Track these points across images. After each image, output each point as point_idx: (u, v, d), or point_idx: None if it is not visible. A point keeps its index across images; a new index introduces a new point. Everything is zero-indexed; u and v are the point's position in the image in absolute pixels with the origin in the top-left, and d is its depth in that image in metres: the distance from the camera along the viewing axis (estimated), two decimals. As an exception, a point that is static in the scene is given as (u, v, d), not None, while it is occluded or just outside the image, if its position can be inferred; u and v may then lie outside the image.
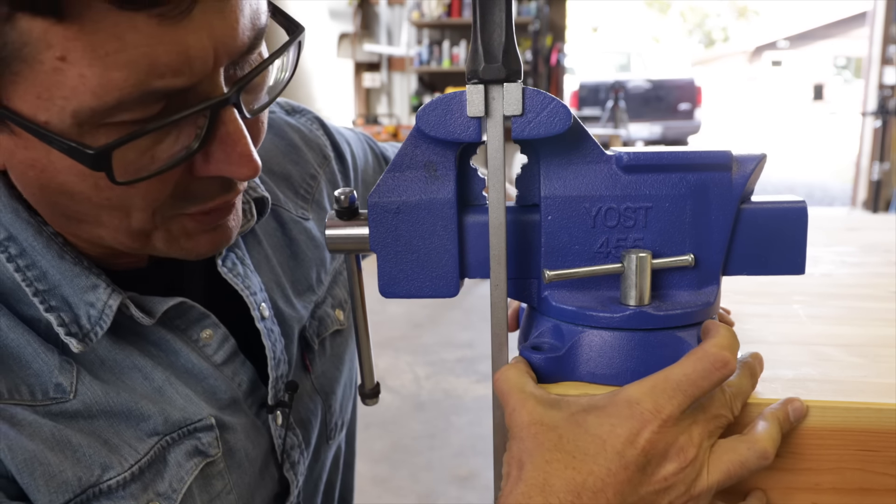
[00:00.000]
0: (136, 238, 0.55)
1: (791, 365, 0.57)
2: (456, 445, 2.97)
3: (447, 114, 0.50)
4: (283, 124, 0.82)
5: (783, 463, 0.51)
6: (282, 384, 0.70)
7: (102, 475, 0.56)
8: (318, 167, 0.82)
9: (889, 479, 0.50)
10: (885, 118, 7.04)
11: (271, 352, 0.68)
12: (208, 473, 0.63)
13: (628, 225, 0.53)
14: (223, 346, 0.66)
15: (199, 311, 0.65)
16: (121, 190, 0.50)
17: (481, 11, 0.47)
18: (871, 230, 1.15)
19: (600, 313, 0.51)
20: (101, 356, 0.59)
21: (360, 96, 8.24)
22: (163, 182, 0.52)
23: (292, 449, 0.72)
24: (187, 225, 0.57)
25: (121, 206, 0.52)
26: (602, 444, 0.45)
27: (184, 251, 0.58)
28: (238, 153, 0.52)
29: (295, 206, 0.78)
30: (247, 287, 0.68)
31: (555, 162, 0.53)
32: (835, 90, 26.33)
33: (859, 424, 0.50)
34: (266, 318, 0.69)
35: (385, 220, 0.54)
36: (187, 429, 0.62)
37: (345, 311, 0.82)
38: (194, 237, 0.58)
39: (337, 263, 0.82)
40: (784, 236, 0.53)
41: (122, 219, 0.53)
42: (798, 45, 26.97)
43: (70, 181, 0.50)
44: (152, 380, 0.61)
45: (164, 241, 0.57)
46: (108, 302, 0.58)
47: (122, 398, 0.59)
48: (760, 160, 0.53)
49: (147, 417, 0.60)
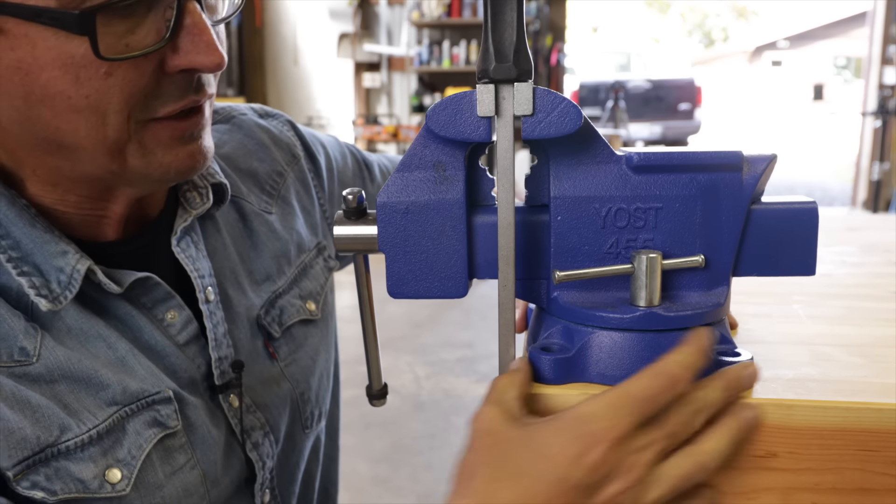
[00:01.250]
0: (112, 155, 0.58)
1: (791, 365, 0.57)
2: (456, 445, 2.97)
3: (457, 113, 0.50)
4: (254, 125, 0.86)
5: (783, 463, 0.51)
6: (227, 365, 0.72)
7: (61, 436, 0.58)
8: (285, 165, 0.85)
9: (889, 479, 0.50)
10: (885, 118, 7.04)
11: (212, 333, 0.71)
12: (169, 446, 0.65)
13: (638, 225, 0.53)
14: (186, 327, 0.69)
15: (165, 291, 0.68)
16: (99, 85, 0.54)
17: (493, 11, 0.47)
18: (871, 230, 1.16)
19: (610, 314, 0.51)
20: (68, 324, 0.62)
21: (360, 96, 8.23)
22: (138, 73, 0.56)
23: (253, 430, 0.74)
24: (160, 134, 0.59)
25: (98, 107, 0.55)
26: (551, 464, 0.45)
27: (162, 167, 0.60)
28: (204, 42, 0.57)
29: (259, 200, 0.81)
30: (196, 270, 0.71)
31: (564, 162, 0.53)
32: (835, 90, 26.29)
33: (859, 424, 0.50)
34: (210, 302, 0.71)
35: (394, 220, 0.54)
36: (146, 401, 0.63)
37: (317, 304, 0.84)
38: (171, 149, 0.60)
39: (306, 257, 0.84)
40: (794, 237, 0.53)
41: (98, 127, 0.56)
42: (798, 45, 26.94)
43: (53, 79, 0.54)
44: (115, 350, 0.63)
45: (139, 156, 0.59)
46: (77, 266, 0.61)
47: (84, 365, 0.61)
48: (771, 160, 0.53)
49: (106, 386, 0.61)
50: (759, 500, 0.52)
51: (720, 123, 21.44)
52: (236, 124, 0.85)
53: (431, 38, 7.56)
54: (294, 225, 0.84)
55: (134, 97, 0.56)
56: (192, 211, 0.72)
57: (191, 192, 0.73)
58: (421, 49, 7.49)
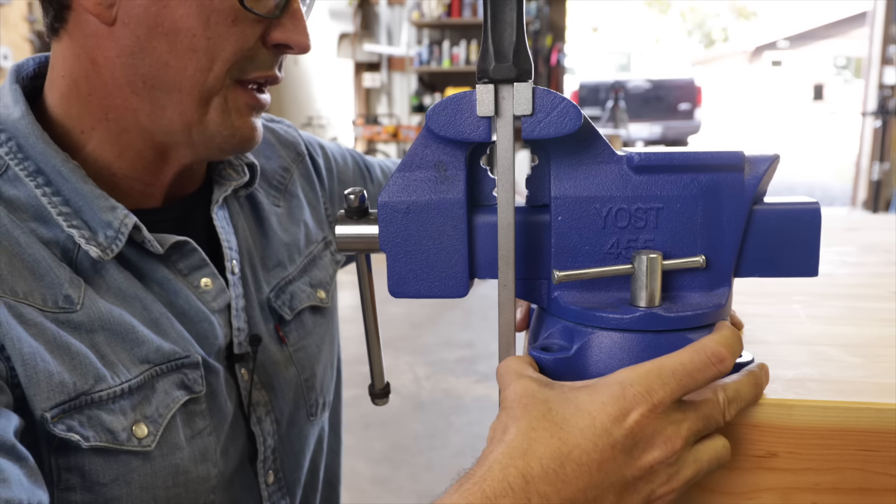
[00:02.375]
0: (200, 103, 0.65)
1: (791, 365, 0.57)
2: (456, 445, 2.97)
3: (457, 113, 0.51)
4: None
5: (783, 463, 0.51)
6: (244, 337, 0.75)
7: (95, 385, 0.61)
8: (291, 162, 0.90)
9: (889, 479, 0.50)
10: (885, 118, 7.04)
11: (234, 302, 0.75)
12: (192, 410, 0.68)
13: (639, 226, 0.53)
14: (221, 295, 0.73)
15: (201, 258, 0.72)
16: (222, 31, 0.62)
17: (492, 11, 0.47)
18: (871, 230, 1.16)
19: (610, 314, 0.51)
20: (108, 282, 0.65)
21: (360, 96, 8.23)
22: (252, 33, 0.64)
23: (258, 405, 0.77)
24: (240, 99, 0.67)
25: (212, 51, 0.63)
26: (591, 419, 0.45)
27: (231, 129, 0.67)
28: (302, 26, 0.67)
29: (267, 194, 0.86)
30: (227, 241, 0.76)
31: (565, 162, 0.53)
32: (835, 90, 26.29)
33: (859, 424, 0.50)
34: (235, 274, 0.76)
35: (395, 219, 0.54)
36: (176, 363, 0.67)
37: (327, 293, 0.88)
38: (243, 116, 0.67)
39: (315, 248, 0.88)
40: (797, 238, 0.53)
41: (205, 70, 0.63)
42: (798, 45, 26.94)
43: (186, 15, 0.61)
44: (151, 311, 0.67)
45: (220, 111, 0.66)
46: (125, 221, 0.65)
47: (124, 319, 0.64)
48: (773, 161, 0.53)
49: (142, 343, 0.65)
50: (759, 500, 0.52)
51: (720, 123, 21.44)
52: None
53: (431, 38, 7.56)
54: (302, 217, 0.88)
55: (241, 52, 0.64)
56: (231, 183, 0.78)
57: (226, 169, 0.79)
58: (421, 49, 7.49)
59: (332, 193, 0.96)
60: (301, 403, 0.83)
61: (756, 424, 0.51)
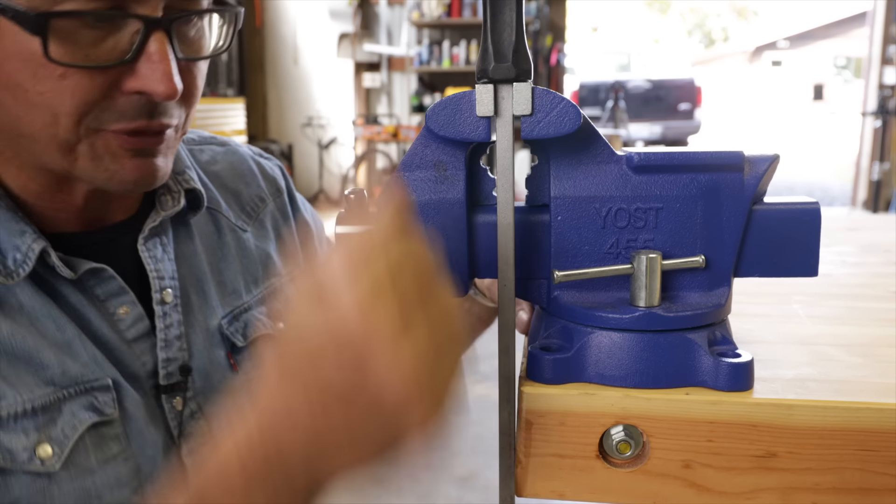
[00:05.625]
0: (63, 152, 0.61)
1: (791, 365, 0.57)
2: (456, 445, 2.97)
3: (456, 113, 0.51)
4: (248, 156, 0.90)
5: (783, 463, 0.51)
6: (175, 367, 0.73)
7: None
8: (268, 194, 0.89)
9: (889, 479, 0.50)
10: (885, 118, 7.05)
11: (162, 333, 0.72)
12: (104, 434, 0.66)
13: (639, 226, 0.53)
14: (137, 324, 0.70)
15: (119, 285, 0.69)
16: (53, 85, 0.57)
17: (492, 11, 0.47)
18: (871, 230, 1.16)
19: (610, 314, 0.51)
20: (21, 301, 0.64)
21: (360, 96, 8.23)
22: (92, 84, 0.58)
23: (193, 436, 0.74)
24: (111, 142, 0.61)
25: (50, 106, 0.58)
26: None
27: (108, 173, 0.62)
28: (161, 71, 0.59)
29: (237, 216, 0.84)
30: (156, 270, 0.73)
31: (565, 162, 0.53)
32: (835, 90, 26.30)
33: (859, 424, 0.50)
34: (167, 304, 0.73)
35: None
36: (84, 385, 0.65)
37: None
38: (119, 159, 0.62)
39: (277, 282, 0.86)
40: (797, 238, 0.53)
41: (50, 124, 0.59)
42: (798, 45, 26.95)
43: (15, 70, 0.57)
44: (63, 332, 0.65)
45: (89, 159, 0.61)
46: (32, 245, 0.63)
47: (27, 343, 0.63)
48: (773, 161, 0.53)
49: (46, 366, 0.63)
50: (759, 500, 0.52)
51: (720, 123, 21.45)
52: (231, 150, 0.89)
53: (431, 38, 7.56)
54: (267, 248, 0.86)
55: (86, 105, 0.59)
56: (162, 212, 0.74)
57: (164, 195, 0.75)
58: (421, 49, 7.49)
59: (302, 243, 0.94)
60: None
61: (756, 424, 0.51)
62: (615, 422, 0.51)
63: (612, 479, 0.52)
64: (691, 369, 0.51)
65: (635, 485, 0.52)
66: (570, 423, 0.51)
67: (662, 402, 0.50)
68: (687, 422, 0.50)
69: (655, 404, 0.50)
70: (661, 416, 0.50)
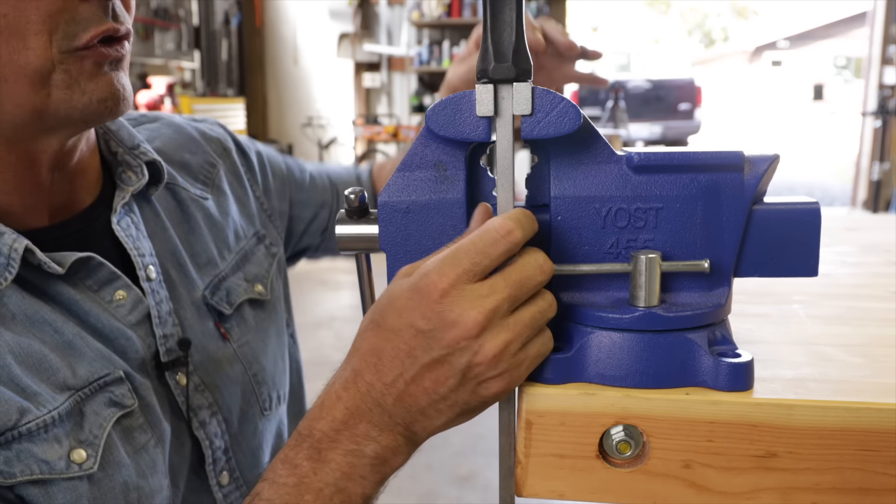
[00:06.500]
0: (35, 87, 0.59)
1: (791, 365, 0.57)
2: (456, 445, 2.97)
3: (456, 113, 0.51)
4: (183, 123, 0.90)
5: (783, 463, 0.51)
6: (173, 343, 0.73)
7: (21, 419, 0.59)
8: (216, 156, 0.89)
9: (889, 479, 0.50)
10: (885, 118, 7.05)
11: (155, 310, 0.72)
12: (128, 426, 0.66)
13: (638, 226, 0.53)
14: (137, 306, 0.70)
15: (110, 271, 0.69)
16: (14, 3, 0.56)
17: (492, 11, 0.47)
18: (871, 230, 1.16)
19: (610, 314, 0.51)
20: (12, 310, 0.62)
21: (360, 96, 8.23)
22: None
23: (201, 409, 0.75)
24: (84, 62, 0.61)
25: (17, 27, 0.57)
26: (398, 314, 0.50)
27: (85, 95, 0.61)
28: None
29: (194, 187, 0.83)
30: (136, 248, 0.72)
31: (565, 162, 0.53)
32: (835, 90, 26.30)
33: (859, 424, 0.49)
34: (152, 280, 0.73)
35: (395, 219, 0.54)
36: (98, 383, 0.64)
37: (265, 286, 0.86)
38: (94, 77, 0.62)
39: (246, 244, 0.87)
40: (797, 238, 0.53)
41: (20, 51, 0.58)
42: (798, 45, 26.95)
43: None
44: (62, 333, 0.64)
45: (65, 87, 0.60)
46: (14, 246, 0.61)
47: (33, 349, 0.61)
48: (773, 161, 0.53)
49: (56, 370, 0.62)
50: (759, 500, 0.52)
51: (720, 123, 21.45)
52: (165, 122, 0.88)
53: (431, 38, 7.56)
54: (229, 212, 0.86)
55: (52, 18, 0.58)
56: (129, 188, 0.73)
57: (126, 172, 0.74)
58: (421, 49, 7.49)
59: (265, 188, 0.94)
60: (252, 400, 0.81)
61: (756, 424, 0.51)
62: (615, 422, 0.51)
63: (612, 479, 0.52)
64: (691, 369, 0.51)
65: (635, 485, 0.52)
66: (570, 423, 0.51)
67: (662, 402, 0.50)
68: (687, 422, 0.50)
69: (655, 404, 0.50)
70: (661, 416, 0.50)
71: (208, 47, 6.95)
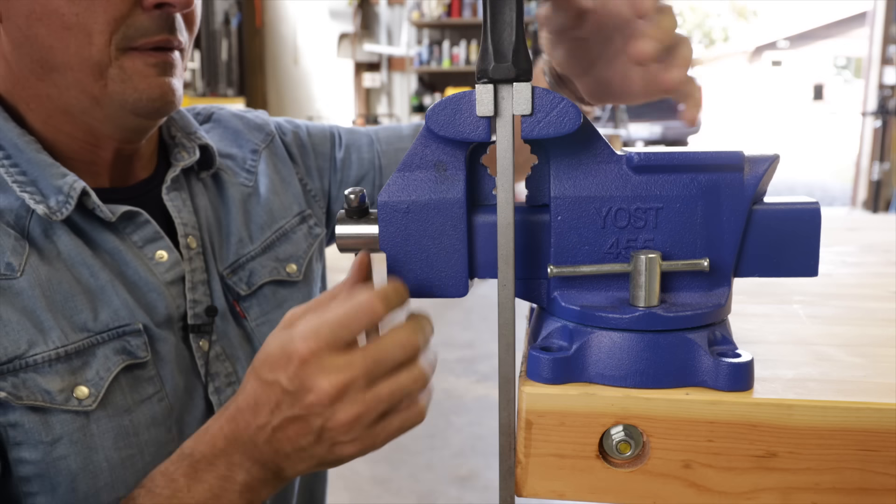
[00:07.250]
0: (95, 76, 0.67)
1: (791, 365, 0.57)
2: (456, 445, 2.97)
3: (456, 113, 0.51)
4: (230, 116, 0.96)
5: (783, 463, 0.51)
6: (201, 309, 0.77)
7: (28, 350, 0.64)
8: (260, 143, 0.94)
9: (889, 479, 0.50)
10: (885, 118, 7.05)
11: (189, 276, 0.77)
12: (138, 375, 0.70)
13: (638, 226, 0.53)
14: (174, 268, 0.76)
15: (155, 230, 0.75)
16: (87, 4, 0.64)
17: (492, 10, 0.47)
18: (871, 230, 1.16)
19: (609, 314, 0.51)
20: (59, 247, 0.69)
21: (360, 96, 8.23)
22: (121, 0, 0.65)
23: (218, 375, 0.79)
24: (137, 62, 0.68)
25: (85, 25, 0.65)
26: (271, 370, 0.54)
27: (137, 93, 0.69)
28: None
29: (238, 176, 0.89)
30: (181, 218, 0.79)
31: (565, 162, 0.53)
32: (835, 90, 26.31)
33: (859, 424, 0.49)
34: (192, 249, 0.79)
35: (395, 219, 0.54)
36: (116, 331, 0.69)
37: (299, 266, 0.90)
38: (146, 77, 0.69)
39: (286, 223, 0.90)
40: (797, 238, 0.53)
41: (85, 45, 0.65)
42: (798, 45, 26.96)
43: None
44: (97, 278, 0.70)
45: (119, 81, 0.68)
46: (74, 185, 0.68)
47: (63, 287, 0.67)
48: (773, 161, 0.53)
49: (80, 311, 0.67)
50: (759, 500, 0.52)
51: (720, 123, 21.45)
52: (216, 120, 0.94)
53: (431, 38, 7.56)
54: (269, 194, 0.90)
55: (116, 21, 0.65)
56: (180, 164, 0.80)
57: (180, 151, 0.82)
58: (421, 49, 7.50)
59: (308, 168, 0.98)
60: None
61: (756, 424, 0.51)
62: (615, 422, 0.51)
63: (612, 479, 0.52)
64: (691, 369, 0.51)
65: (635, 485, 0.52)
66: (570, 423, 0.51)
67: (662, 402, 0.50)
68: (687, 422, 0.50)
69: (655, 404, 0.50)
70: (661, 416, 0.50)
71: (208, 47, 6.95)
